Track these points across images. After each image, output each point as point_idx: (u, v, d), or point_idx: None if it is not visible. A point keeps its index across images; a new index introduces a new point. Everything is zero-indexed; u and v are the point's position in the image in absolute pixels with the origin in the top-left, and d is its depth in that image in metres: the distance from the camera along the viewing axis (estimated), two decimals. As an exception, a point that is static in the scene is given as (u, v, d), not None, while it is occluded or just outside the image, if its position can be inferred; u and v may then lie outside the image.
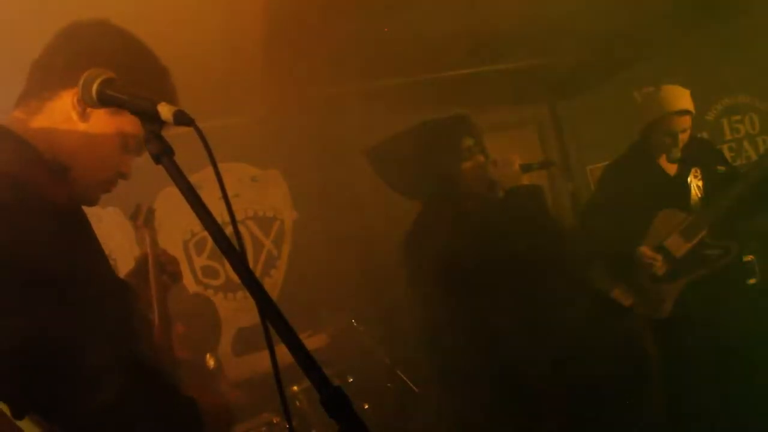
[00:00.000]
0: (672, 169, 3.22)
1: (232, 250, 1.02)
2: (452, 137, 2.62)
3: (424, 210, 2.70)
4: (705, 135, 4.94)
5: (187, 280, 3.95)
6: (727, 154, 4.96)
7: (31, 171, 1.18)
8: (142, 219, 1.89)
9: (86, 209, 1.33)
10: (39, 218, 1.09)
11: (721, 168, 3.16)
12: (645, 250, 3.09)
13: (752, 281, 3.33)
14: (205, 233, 3.96)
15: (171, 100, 1.35)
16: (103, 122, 1.32)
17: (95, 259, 1.20)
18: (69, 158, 1.28)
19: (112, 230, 3.66)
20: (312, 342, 3.27)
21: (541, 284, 2.49)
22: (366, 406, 3.08)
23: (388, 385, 3.11)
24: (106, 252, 1.30)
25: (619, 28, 3.85)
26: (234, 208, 1.13)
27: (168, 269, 1.78)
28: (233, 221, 1.12)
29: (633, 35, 4.00)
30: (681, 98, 3.16)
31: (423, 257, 2.56)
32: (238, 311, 3.95)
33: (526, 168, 2.61)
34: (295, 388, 3.09)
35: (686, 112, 3.14)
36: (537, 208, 2.56)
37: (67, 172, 1.28)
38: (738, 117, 5.05)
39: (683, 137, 3.15)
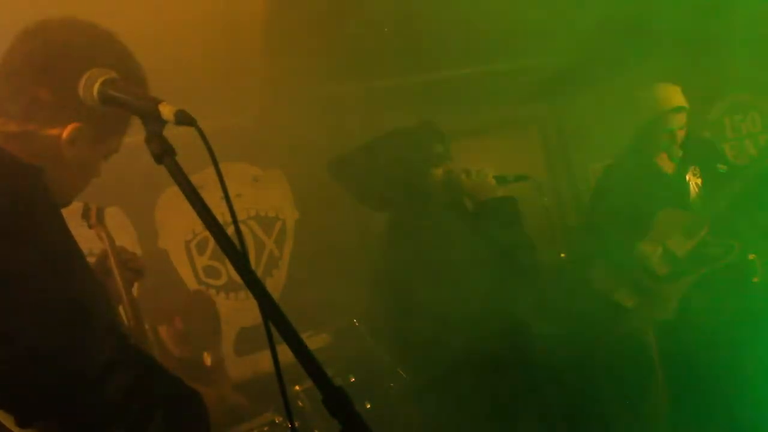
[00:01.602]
0: (670, 167, 3.22)
1: (233, 251, 1.02)
2: (423, 144, 2.59)
3: (394, 219, 2.66)
4: (707, 134, 4.93)
5: (189, 280, 3.95)
6: (729, 153, 4.94)
7: (10, 171, 1.15)
8: (94, 217, 1.88)
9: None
10: (23, 215, 1.07)
11: (720, 166, 3.16)
12: (647, 249, 3.09)
13: (755, 279, 3.32)
14: (207, 233, 3.97)
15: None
16: (89, 151, 1.27)
17: (80, 254, 1.18)
18: (50, 169, 1.20)
19: (114, 230, 3.65)
20: (314, 342, 3.26)
21: (514, 296, 2.47)
22: (368, 406, 3.08)
23: (390, 384, 3.11)
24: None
25: (620, 26, 3.85)
26: (236, 208, 1.13)
27: (130, 266, 1.78)
28: (235, 221, 1.12)
29: (634, 34, 3.99)
30: (674, 95, 3.16)
31: (394, 266, 2.53)
32: (240, 311, 3.95)
33: (501, 180, 2.60)
34: (297, 387, 3.08)
35: (681, 109, 3.14)
36: (510, 221, 2.52)
37: (42, 173, 1.19)
38: (740, 116, 5.04)
39: (680, 134, 3.15)
